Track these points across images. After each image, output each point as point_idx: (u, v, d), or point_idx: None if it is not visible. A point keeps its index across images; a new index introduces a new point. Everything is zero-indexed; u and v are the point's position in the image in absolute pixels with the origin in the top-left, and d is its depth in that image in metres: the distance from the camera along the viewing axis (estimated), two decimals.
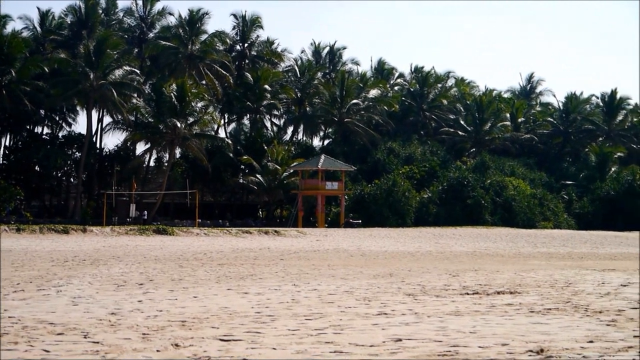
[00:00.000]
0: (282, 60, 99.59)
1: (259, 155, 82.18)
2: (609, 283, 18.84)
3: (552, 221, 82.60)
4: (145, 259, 29.18)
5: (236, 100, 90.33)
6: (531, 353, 8.70)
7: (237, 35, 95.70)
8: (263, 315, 12.37)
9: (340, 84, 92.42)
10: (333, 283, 18.84)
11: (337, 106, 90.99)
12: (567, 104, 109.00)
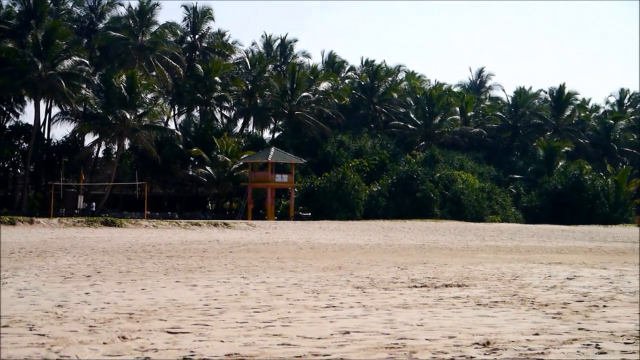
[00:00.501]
0: (233, 52, 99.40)
1: (208, 148, 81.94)
2: (555, 276, 19.02)
3: (500, 215, 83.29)
4: (93, 251, 28.95)
5: (186, 92, 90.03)
6: (477, 345, 8.76)
7: (187, 26, 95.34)
8: (211, 308, 12.33)
9: (291, 77, 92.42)
10: (282, 276, 18.83)
11: (287, 99, 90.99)
12: (516, 99, 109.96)
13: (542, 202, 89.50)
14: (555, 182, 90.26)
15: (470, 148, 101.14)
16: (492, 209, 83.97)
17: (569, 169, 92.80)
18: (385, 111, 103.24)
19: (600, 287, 16.34)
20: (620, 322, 10.81)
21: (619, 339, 9.29)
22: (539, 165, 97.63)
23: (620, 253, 34.83)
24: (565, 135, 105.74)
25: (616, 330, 9.93)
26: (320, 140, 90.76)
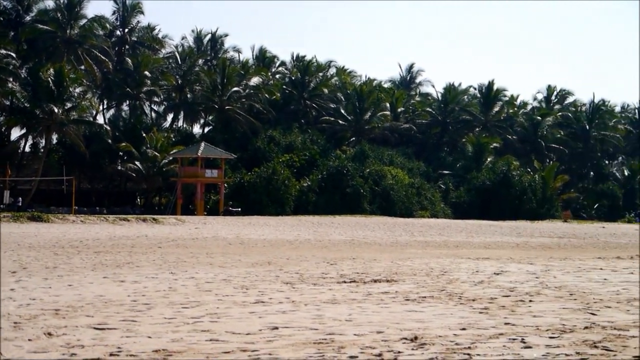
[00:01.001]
0: (162, 46, 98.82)
1: (138, 142, 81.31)
2: (482, 272, 19.21)
3: (429, 210, 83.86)
4: (19, 246, 28.56)
5: (115, 86, 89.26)
6: (405, 340, 8.82)
7: (117, 20, 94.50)
8: (139, 304, 12.24)
9: (221, 72, 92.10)
10: (211, 271, 18.76)
11: (217, 93, 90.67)
12: (445, 95, 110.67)
13: (470, 197, 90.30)
14: (483, 178, 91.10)
15: (400, 144, 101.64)
16: (421, 204, 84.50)
17: (497, 165, 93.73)
18: (316, 106, 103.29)
19: (526, 282, 16.54)
20: (545, 316, 10.96)
21: (544, 333, 9.42)
22: (468, 161, 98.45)
23: (547, 248, 35.34)
24: (494, 132, 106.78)
25: (541, 325, 10.06)
26: (250, 135, 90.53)
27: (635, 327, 10.00)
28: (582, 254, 30.42)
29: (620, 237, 50.83)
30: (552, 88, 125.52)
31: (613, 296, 13.82)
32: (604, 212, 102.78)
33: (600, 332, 9.56)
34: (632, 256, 28.46)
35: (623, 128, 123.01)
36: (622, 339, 9.03)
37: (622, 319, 10.79)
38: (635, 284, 16.46)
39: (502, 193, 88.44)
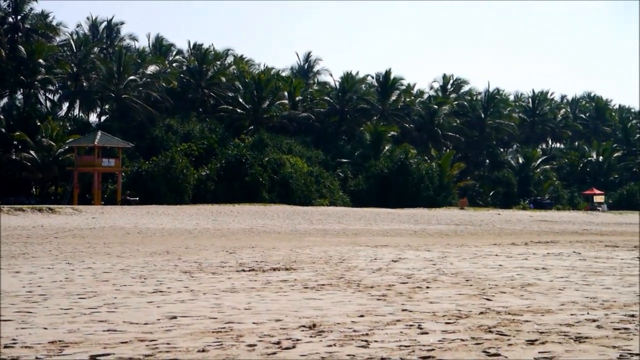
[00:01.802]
0: (57, 34, 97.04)
1: (32, 132, 79.86)
2: (380, 259, 19.39)
3: (328, 198, 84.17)
4: None
5: (8, 75, 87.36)
6: (304, 328, 8.85)
7: (9, 7, 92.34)
8: (35, 295, 12.04)
9: (118, 60, 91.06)
10: (109, 261, 18.56)
11: (114, 82, 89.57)
12: (343, 84, 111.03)
13: (369, 185, 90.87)
14: (381, 166, 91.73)
15: (299, 132, 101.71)
16: (320, 192, 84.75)
17: (395, 153, 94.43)
18: (214, 95, 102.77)
19: (423, 268, 16.76)
20: (442, 302, 11.12)
21: (440, 319, 9.56)
22: (366, 150, 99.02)
23: (444, 235, 35.84)
24: (392, 120, 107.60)
25: (438, 311, 10.21)
26: (148, 124, 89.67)
27: (529, 312, 10.22)
28: (478, 240, 30.96)
29: (515, 224, 51.84)
30: (448, 77, 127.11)
31: (508, 282, 14.10)
32: (499, 199, 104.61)
33: (494, 317, 9.73)
34: (527, 242, 29.09)
35: (517, 117, 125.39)
36: (516, 323, 9.21)
37: (516, 304, 11.01)
38: (529, 269, 16.82)
39: (400, 181, 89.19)
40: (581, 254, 22.20)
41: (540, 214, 76.10)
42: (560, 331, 8.65)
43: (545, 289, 13.01)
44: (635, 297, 11.99)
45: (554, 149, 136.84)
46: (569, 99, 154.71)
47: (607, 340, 8.14)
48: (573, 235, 37.76)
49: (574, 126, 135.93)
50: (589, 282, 14.13)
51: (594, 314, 9.98)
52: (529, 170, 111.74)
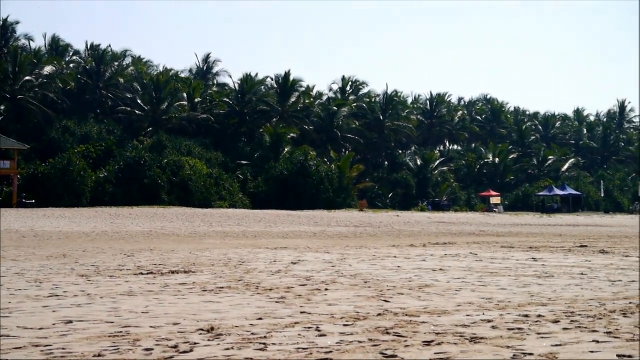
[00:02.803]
0: None
1: None
2: (280, 261, 19.40)
3: (227, 200, 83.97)
4: None
5: None
6: (202, 331, 8.80)
7: None
8: None
9: (13, 60, 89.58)
10: (3, 265, 18.19)
11: (9, 83, 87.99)
12: (242, 85, 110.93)
13: (268, 188, 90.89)
14: (281, 168, 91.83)
15: (198, 134, 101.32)
16: (219, 195, 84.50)
17: (295, 155, 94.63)
18: (112, 96, 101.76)
19: (323, 271, 16.81)
20: (340, 304, 11.16)
21: (338, 321, 9.59)
22: (266, 152, 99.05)
23: (343, 237, 36.02)
24: (291, 122, 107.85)
25: (336, 313, 10.24)
26: (44, 125, 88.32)
27: (426, 313, 10.33)
28: (377, 242, 31.20)
29: (414, 226, 52.39)
30: (347, 79, 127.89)
31: (405, 283, 14.23)
32: (398, 201, 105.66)
33: (392, 318, 9.81)
34: (425, 244, 29.43)
35: (415, 119, 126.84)
36: (414, 324, 9.30)
37: (414, 305, 11.12)
38: (427, 271, 17.01)
39: (299, 183, 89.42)
40: (478, 255, 22.53)
41: (438, 215, 77.10)
42: (456, 332, 8.77)
43: (442, 290, 13.17)
44: (529, 297, 12.22)
45: (451, 151, 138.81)
46: (466, 102, 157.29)
47: (502, 340, 8.27)
48: (470, 237, 38.31)
49: (471, 128, 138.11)
50: (485, 283, 14.35)
51: (489, 315, 10.14)
52: (427, 172, 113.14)
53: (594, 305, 11.17)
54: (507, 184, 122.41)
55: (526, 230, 48.19)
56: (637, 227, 59.12)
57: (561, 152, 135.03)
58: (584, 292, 13.04)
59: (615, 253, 23.79)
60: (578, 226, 58.91)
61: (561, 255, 22.77)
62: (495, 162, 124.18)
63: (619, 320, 9.75)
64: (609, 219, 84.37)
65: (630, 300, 11.80)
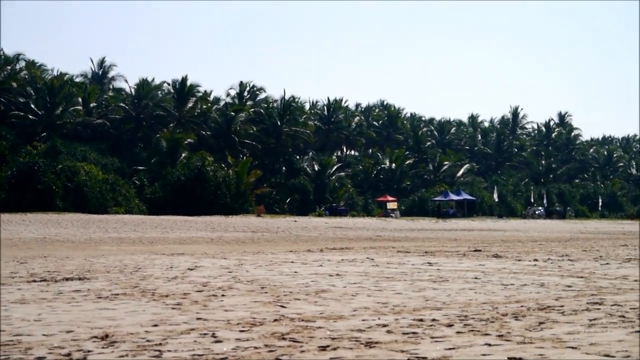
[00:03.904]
0: None
1: None
2: (176, 267, 19.27)
3: (124, 206, 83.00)
4: None
5: None
6: (95, 339, 8.69)
7: None
8: None
9: None
10: None
11: None
12: (139, 90, 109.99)
13: (165, 193, 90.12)
14: (178, 174, 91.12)
15: (94, 139, 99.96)
16: (115, 200, 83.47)
17: (192, 160, 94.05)
18: (5, 101, 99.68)
19: (219, 276, 16.76)
20: (237, 310, 11.14)
21: (234, 327, 9.58)
22: (163, 157, 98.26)
23: (241, 243, 35.95)
24: (188, 127, 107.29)
25: (232, 319, 10.22)
26: None
27: (322, 318, 10.37)
28: (274, 247, 31.21)
29: (311, 231, 52.54)
30: (244, 84, 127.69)
31: (302, 288, 14.27)
32: (295, 206, 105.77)
33: (288, 324, 9.83)
34: (322, 249, 29.55)
35: (313, 124, 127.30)
36: (309, 330, 9.34)
37: (310, 310, 11.16)
38: (323, 276, 17.08)
39: (196, 188, 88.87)
40: (374, 260, 22.71)
41: (335, 220, 77.46)
42: (352, 337, 8.82)
43: (339, 295, 13.25)
44: (424, 301, 12.37)
45: (348, 156, 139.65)
46: (363, 107, 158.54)
47: (396, 344, 8.35)
48: (367, 242, 38.58)
49: (367, 134, 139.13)
50: (381, 288, 14.47)
51: (384, 319, 10.23)
52: (325, 178, 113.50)
53: (486, 309, 11.37)
54: (403, 189, 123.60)
55: (422, 235, 48.76)
56: (528, 231, 60.37)
57: (456, 158, 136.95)
58: (478, 295, 13.27)
59: (508, 257, 24.24)
60: (472, 231, 59.82)
61: (456, 259, 23.11)
62: (392, 168, 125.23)
63: (511, 323, 9.95)
64: (503, 223, 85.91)
65: (521, 304, 12.04)
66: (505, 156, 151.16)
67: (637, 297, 13.16)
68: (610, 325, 9.75)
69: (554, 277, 17.09)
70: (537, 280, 16.15)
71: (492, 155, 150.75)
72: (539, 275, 17.40)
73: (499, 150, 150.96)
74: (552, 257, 24.53)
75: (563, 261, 22.35)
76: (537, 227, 72.10)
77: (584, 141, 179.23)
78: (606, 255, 25.88)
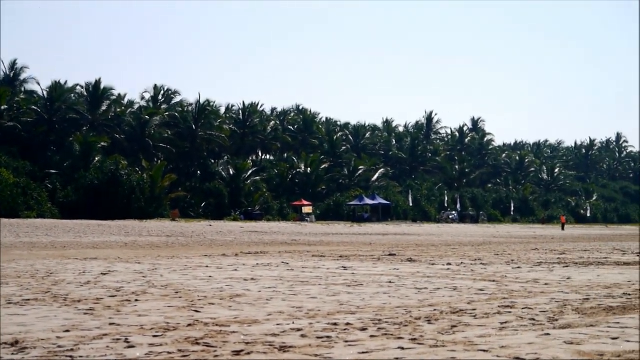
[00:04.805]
0: None
1: None
2: (90, 272, 19.05)
3: (36, 210, 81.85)
4: None
5: None
6: (5, 345, 8.55)
7: None
8: None
9: None
10: None
11: None
12: (51, 93, 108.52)
13: (79, 197, 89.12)
14: (92, 178, 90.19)
15: (4, 142, 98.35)
16: (27, 204, 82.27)
17: (106, 164, 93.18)
18: None
19: (133, 281, 16.61)
20: (150, 315, 11.05)
21: (148, 332, 9.49)
22: (76, 161, 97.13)
23: (155, 247, 35.66)
24: (102, 131, 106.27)
25: (146, 324, 10.13)
26: None
27: (236, 323, 10.34)
28: (189, 252, 31.05)
29: (227, 235, 52.40)
30: (159, 87, 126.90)
31: (217, 293, 14.22)
32: (211, 211, 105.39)
33: (202, 328, 9.78)
34: (237, 253, 29.48)
35: (228, 128, 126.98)
36: (223, 334, 9.30)
37: (224, 315, 11.12)
38: (238, 280, 17.04)
39: (110, 192, 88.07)
40: (289, 264, 22.73)
41: (250, 224, 77.37)
42: (266, 341, 8.82)
43: (254, 299, 13.23)
44: (339, 305, 12.41)
45: (264, 161, 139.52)
46: (279, 112, 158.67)
47: (310, 349, 8.37)
48: (282, 246, 38.60)
49: (283, 138, 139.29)
50: (296, 292, 14.49)
51: (299, 324, 10.24)
52: (240, 182, 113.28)
53: (400, 313, 11.45)
54: (318, 193, 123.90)
55: (337, 239, 48.93)
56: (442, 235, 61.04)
57: (371, 162, 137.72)
58: (392, 299, 13.36)
59: (422, 261, 24.47)
60: (387, 235, 60.25)
61: (370, 263, 23.24)
62: (307, 172, 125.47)
63: (424, 326, 10.04)
64: (417, 227, 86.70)
65: (435, 307, 12.16)
66: (419, 161, 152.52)
67: (547, 300, 13.39)
68: (521, 328, 9.90)
69: (467, 281, 17.30)
70: (450, 284, 16.33)
71: (406, 160, 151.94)
72: (452, 279, 17.61)
73: (414, 155, 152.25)
74: (465, 261, 24.83)
75: (476, 265, 22.64)
76: (450, 232, 72.92)
77: (497, 146, 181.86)
78: (518, 259, 26.30)
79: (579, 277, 18.34)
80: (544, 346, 8.57)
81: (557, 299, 13.58)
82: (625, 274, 19.44)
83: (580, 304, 12.80)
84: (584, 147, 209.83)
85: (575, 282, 17.00)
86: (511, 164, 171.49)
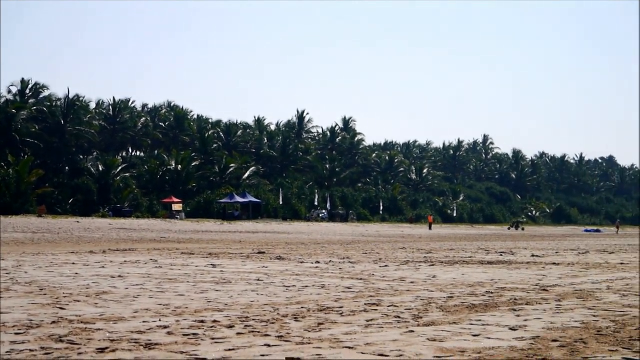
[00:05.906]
0: None
1: None
2: None
3: None
4: None
5: None
6: None
7: None
8: None
9: None
10: None
11: None
12: None
13: None
14: None
15: None
16: None
17: None
18: None
19: None
20: (13, 313, 10.84)
21: (10, 329, 9.32)
22: None
23: (20, 244, 34.92)
24: None
25: (8, 322, 9.94)
26: None
27: (102, 320, 10.24)
28: (55, 248, 30.53)
29: (95, 232, 51.71)
30: (26, 81, 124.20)
31: (83, 290, 14.04)
32: (79, 207, 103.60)
33: (67, 326, 9.66)
34: (105, 250, 29.13)
35: (98, 124, 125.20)
36: (88, 332, 9.20)
37: (90, 312, 10.99)
38: (105, 277, 16.86)
39: None
40: (158, 261, 22.60)
41: (119, 221, 76.46)
42: (132, 338, 8.76)
43: (120, 296, 13.11)
44: (206, 303, 12.41)
45: (134, 157, 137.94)
46: (150, 108, 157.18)
47: (176, 346, 8.35)
48: (151, 243, 38.31)
49: (154, 135, 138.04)
50: (164, 290, 14.42)
51: (165, 321, 10.20)
52: (109, 178, 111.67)
53: (267, 310, 11.52)
54: (189, 190, 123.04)
55: (207, 237, 48.80)
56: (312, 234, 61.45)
57: (242, 160, 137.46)
58: (260, 297, 13.42)
59: (291, 259, 24.62)
60: (257, 233, 60.35)
61: (239, 261, 23.28)
62: (178, 169, 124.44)
63: (291, 324, 10.12)
64: (287, 226, 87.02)
65: (302, 305, 12.26)
66: (290, 159, 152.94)
67: (413, 298, 13.65)
68: (386, 326, 10.07)
69: (335, 279, 17.48)
70: (319, 282, 16.48)
71: (277, 159, 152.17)
72: (320, 277, 17.77)
73: (285, 153, 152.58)
74: (334, 259, 25.08)
75: (344, 264, 22.88)
76: (320, 230, 73.44)
77: (367, 146, 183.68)
78: (385, 258, 26.69)
79: (444, 276, 18.74)
80: (408, 343, 8.74)
81: (422, 297, 13.85)
82: (489, 273, 19.96)
83: (444, 302, 13.09)
84: (452, 148, 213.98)
85: (440, 281, 17.36)
86: (381, 163, 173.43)
